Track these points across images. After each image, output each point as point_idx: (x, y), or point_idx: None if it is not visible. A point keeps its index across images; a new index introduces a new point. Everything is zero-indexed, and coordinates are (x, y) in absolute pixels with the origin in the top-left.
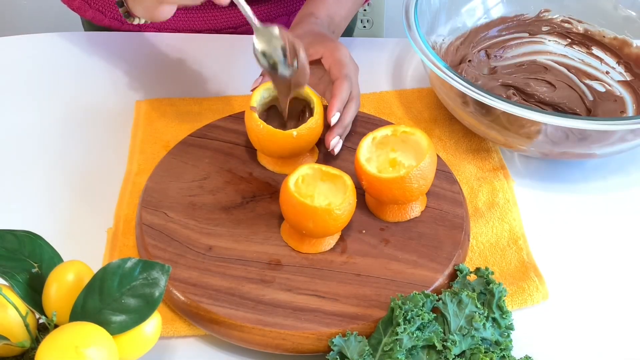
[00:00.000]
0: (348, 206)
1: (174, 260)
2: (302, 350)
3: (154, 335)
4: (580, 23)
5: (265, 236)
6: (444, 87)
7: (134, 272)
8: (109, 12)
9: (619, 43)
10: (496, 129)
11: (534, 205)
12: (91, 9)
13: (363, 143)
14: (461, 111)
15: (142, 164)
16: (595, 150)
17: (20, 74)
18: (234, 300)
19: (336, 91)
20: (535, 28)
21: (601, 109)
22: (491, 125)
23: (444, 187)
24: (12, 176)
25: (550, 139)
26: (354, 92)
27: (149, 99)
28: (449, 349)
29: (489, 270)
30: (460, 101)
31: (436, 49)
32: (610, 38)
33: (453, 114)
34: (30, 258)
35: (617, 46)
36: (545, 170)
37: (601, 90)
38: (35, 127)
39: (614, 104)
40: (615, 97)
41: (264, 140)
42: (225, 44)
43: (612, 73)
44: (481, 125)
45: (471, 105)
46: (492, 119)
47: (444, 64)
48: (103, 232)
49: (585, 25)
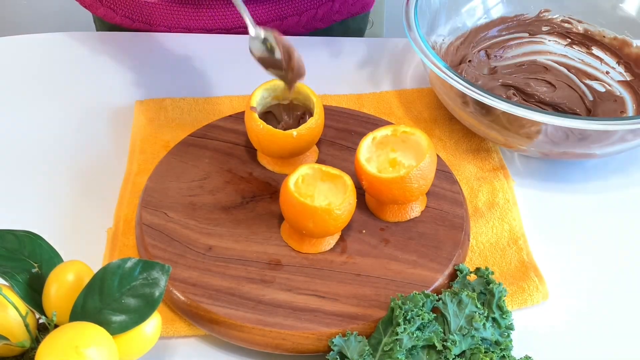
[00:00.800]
0: (348, 206)
1: (174, 260)
2: (302, 350)
3: (154, 335)
4: (580, 23)
5: (265, 236)
6: (444, 87)
7: (134, 272)
8: (120, 10)
9: (619, 43)
10: (496, 129)
11: (534, 205)
12: (102, 7)
13: (363, 143)
14: (461, 111)
15: (142, 164)
16: (596, 150)
17: (20, 74)
18: (234, 300)
19: None
20: (535, 28)
21: (601, 109)
22: (491, 125)
23: (444, 187)
24: (12, 176)
25: (551, 139)
26: None
27: (149, 99)
28: (449, 349)
29: (489, 270)
30: (460, 101)
31: (436, 49)
32: (610, 38)
33: (453, 114)
34: (30, 258)
35: (617, 46)
36: (545, 170)
37: (601, 90)
38: (35, 127)
39: (614, 104)
40: (615, 97)
41: (264, 140)
42: (225, 43)
43: (612, 73)
44: (481, 125)
45: (471, 105)
46: (492, 119)
47: (444, 64)
48: (103, 232)
49: (585, 25)
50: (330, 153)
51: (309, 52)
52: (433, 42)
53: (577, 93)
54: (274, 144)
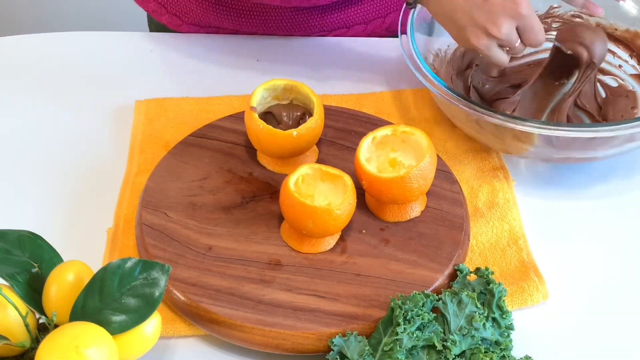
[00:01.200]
0: (348, 206)
1: (174, 260)
2: (302, 350)
3: (154, 335)
4: (591, 17)
5: (265, 236)
6: (443, 103)
7: (134, 272)
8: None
9: (631, 35)
10: (496, 136)
11: (534, 205)
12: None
13: (363, 143)
14: (461, 123)
15: (142, 164)
16: (598, 154)
17: (20, 74)
18: (234, 300)
19: None
20: (545, 25)
21: (612, 107)
22: (490, 136)
23: (444, 187)
24: (12, 176)
25: (551, 146)
26: None
27: (149, 99)
28: (449, 349)
29: (489, 270)
30: (460, 113)
31: (440, 55)
32: (622, 31)
33: (453, 122)
34: (30, 258)
35: (630, 39)
36: (545, 170)
37: (614, 85)
38: (35, 127)
39: (625, 99)
40: (627, 92)
41: (264, 140)
42: (225, 44)
43: (624, 66)
44: (481, 135)
45: (472, 117)
46: (491, 129)
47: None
48: (103, 232)
49: (596, 18)
50: (331, 153)
51: (310, 52)
52: (437, 48)
53: (589, 90)
54: (273, 144)
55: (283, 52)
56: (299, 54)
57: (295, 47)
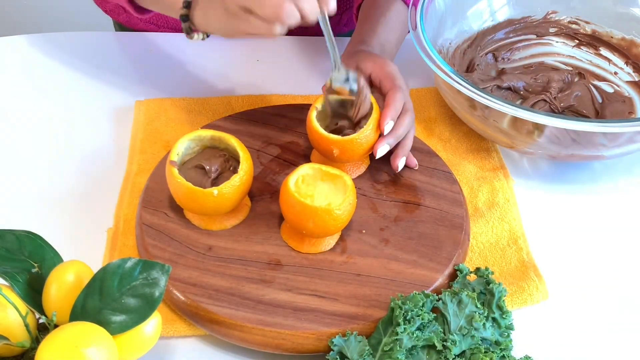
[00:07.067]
0: (348, 206)
1: (174, 260)
2: (302, 350)
3: (154, 335)
4: (587, 24)
5: (265, 236)
6: (450, 91)
7: (134, 272)
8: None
9: (627, 43)
10: (503, 131)
11: (534, 205)
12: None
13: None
14: (468, 115)
15: (142, 164)
16: (603, 152)
17: (20, 74)
18: (234, 300)
19: (390, 100)
20: (542, 30)
21: (609, 111)
22: (498, 129)
23: (444, 187)
24: (12, 176)
25: (557, 141)
26: (407, 105)
27: (149, 99)
28: (449, 349)
29: (489, 270)
30: (467, 105)
31: (443, 53)
32: (618, 38)
33: (460, 117)
34: (30, 258)
35: (625, 46)
36: (544, 169)
37: (609, 91)
38: (35, 127)
39: (622, 104)
40: (623, 98)
41: (183, 197)
42: (225, 44)
43: (620, 73)
44: (488, 128)
45: (478, 109)
46: (499, 123)
47: (451, 69)
48: (103, 232)
49: (592, 26)
50: None
51: (310, 52)
52: (440, 45)
53: (585, 95)
54: (194, 202)
55: (283, 52)
56: (298, 53)
57: (295, 47)
